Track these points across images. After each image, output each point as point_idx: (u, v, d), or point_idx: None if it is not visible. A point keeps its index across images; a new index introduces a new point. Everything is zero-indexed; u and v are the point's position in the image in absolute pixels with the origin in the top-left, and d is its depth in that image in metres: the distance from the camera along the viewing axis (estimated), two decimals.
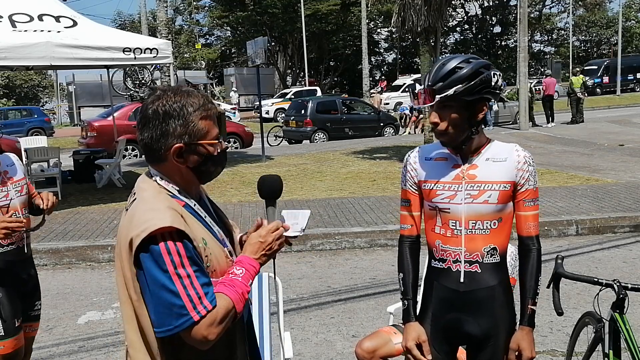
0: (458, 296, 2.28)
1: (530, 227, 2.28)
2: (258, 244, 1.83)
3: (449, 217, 2.27)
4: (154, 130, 1.72)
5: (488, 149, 2.29)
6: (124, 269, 1.71)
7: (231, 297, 1.70)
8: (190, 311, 1.62)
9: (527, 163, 2.25)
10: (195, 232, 1.72)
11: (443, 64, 2.20)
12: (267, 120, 24.96)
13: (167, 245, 1.62)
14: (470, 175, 2.25)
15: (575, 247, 7.13)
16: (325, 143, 19.14)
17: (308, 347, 4.58)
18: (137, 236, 1.63)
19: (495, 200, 2.22)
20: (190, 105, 1.73)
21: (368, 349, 3.13)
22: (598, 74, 38.68)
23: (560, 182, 10.36)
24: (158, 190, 1.75)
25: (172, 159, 1.73)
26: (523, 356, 2.25)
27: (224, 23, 47.50)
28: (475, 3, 55.51)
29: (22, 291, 3.32)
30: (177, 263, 1.62)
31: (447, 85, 2.16)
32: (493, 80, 2.20)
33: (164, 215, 1.65)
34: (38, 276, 3.53)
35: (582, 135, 17.70)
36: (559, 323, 4.74)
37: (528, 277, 2.27)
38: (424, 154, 2.37)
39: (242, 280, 1.74)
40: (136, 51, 9.26)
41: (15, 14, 8.89)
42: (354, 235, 7.37)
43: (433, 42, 14.08)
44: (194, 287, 1.63)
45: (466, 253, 2.26)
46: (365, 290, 5.79)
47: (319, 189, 10.50)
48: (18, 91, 50.63)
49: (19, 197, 3.28)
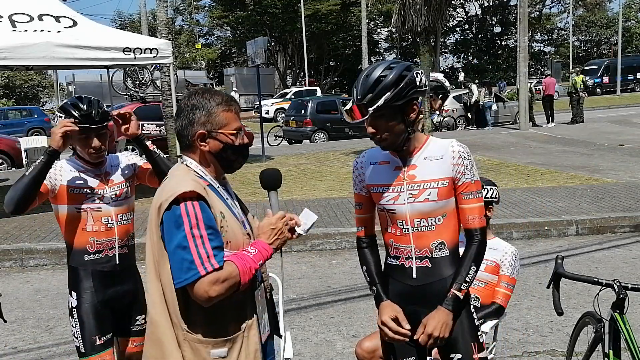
0: (412, 290, 2.37)
1: (472, 220, 2.33)
2: (270, 230, 2.06)
3: (396, 217, 2.37)
4: (184, 119, 2.03)
5: (425, 148, 2.37)
6: (152, 233, 1.98)
7: (238, 266, 1.91)
8: (198, 266, 1.85)
9: (462, 157, 2.32)
10: (215, 205, 1.97)
11: (367, 75, 2.28)
12: (267, 120, 24.97)
13: (187, 207, 1.88)
14: (410, 176, 2.34)
15: (575, 247, 7.13)
16: (325, 143, 19.15)
17: (308, 347, 4.58)
18: (165, 200, 1.91)
19: (436, 198, 2.30)
20: (213, 100, 2.03)
21: (368, 349, 3.14)
22: (598, 74, 38.68)
23: (560, 182, 10.36)
24: (186, 171, 2.04)
25: (197, 144, 2.02)
26: (425, 331, 2.28)
27: (224, 23, 47.54)
28: (475, 3, 55.56)
29: (115, 306, 2.98)
30: (192, 224, 1.87)
31: (376, 96, 2.23)
32: (417, 80, 2.27)
33: (188, 184, 1.93)
34: (142, 288, 3.03)
35: (582, 135, 17.69)
36: (559, 323, 4.74)
37: (461, 263, 2.33)
38: (369, 159, 2.47)
39: (252, 257, 1.96)
40: (136, 51, 9.25)
41: (15, 14, 8.88)
42: (354, 235, 7.34)
43: (433, 42, 14.12)
44: (205, 247, 1.87)
45: (416, 250, 2.35)
46: (365, 290, 5.76)
47: (319, 189, 10.51)
48: (18, 91, 50.63)
49: (115, 202, 2.98)
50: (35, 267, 6.91)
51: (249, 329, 2.04)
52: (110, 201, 2.97)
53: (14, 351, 4.72)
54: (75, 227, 2.91)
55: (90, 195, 2.93)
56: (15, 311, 5.55)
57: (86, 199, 2.92)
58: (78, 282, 2.93)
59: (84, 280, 2.92)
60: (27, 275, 6.67)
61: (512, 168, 12.01)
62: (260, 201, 9.39)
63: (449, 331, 2.29)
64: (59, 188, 2.89)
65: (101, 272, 2.94)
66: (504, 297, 3.21)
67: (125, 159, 3.17)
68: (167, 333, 1.97)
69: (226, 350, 1.98)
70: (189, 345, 1.96)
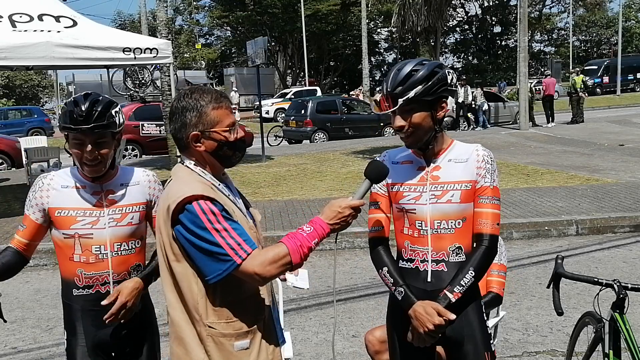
0: (426, 295, 2.30)
1: (483, 224, 2.30)
2: (336, 212, 2.03)
3: (415, 217, 2.34)
4: (176, 122, 2.03)
5: (450, 151, 2.37)
6: (162, 235, 1.98)
7: (288, 246, 1.93)
8: (232, 256, 1.88)
9: (485, 161, 2.33)
10: (223, 202, 1.97)
11: (399, 69, 2.28)
12: (267, 120, 24.95)
13: (201, 205, 1.89)
14: (434, 177, 2.34)
15: (575, 247, 7.12)
16: (325, 143, 19.14)
17: (308, 347, 4.58)
18: (173, 202, 1.91)
19: (458, 200, 2.30)
20: (202, 99, 2.01)
21: (380, 338, 3.07)
22: (598, 74, 38.67)
23: (560, 182, 10.36)
24: (189, 172, 2.04)
25: (192, 146, 2.01)
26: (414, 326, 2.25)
27: (224, 23, 47.51)
28: (475, 3, 55.57)
29: (110, 351, 2.53)
30: (212, 220, 1.88)
31: (407, 88, 2.24)
32: (449, 78, 2.28)
33: (196, 186, 1.94)
34: (149, 331, 2.62)
35: (582, 135, 17.69)
36: (559, 323, 4.74)
37: (462, 266, 2.28)
38: (390, 158, 2.46)
39: (306, 236, 1.97)
40: (136, 51, 9.25)
41: (15, 14, 8.88)
42: (354, 235, 7.37)
43: (433, 42, 14.12)
44: (232, 237, 1.89)
45: (433, 252, 2.33)
46: (365, 290, 5.78)
47: (319, 189, 10.50)
48: (18, 91, 50.65)
49: (113, 228, 2.45)
50: (35, 267, 6.91)
51: (269, 319, 2.10)
52: (106, 226, 2.44)
53: (14, 351, 4.72)
54: (63, 255, 2.48)
55: (81, 217, 2.43)
56: (15, 311, 5.55)
57: (75, 222, 2.43)
58: (67, 320, 2.53)
59: (73, 318, 2.50)
60: (27, 275, 6.67)
61: (512, 168, 12.01)
62: (260, 201, 9.39)
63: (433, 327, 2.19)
64: (48, 212, 2.45)
65: (92, 312, 2.45)
66: (499, 285, 3.16)
67: (143, 180, 2.56)
68: (187, 331, 1.99)
69: (248, 342, 2.02)
70: (212, 340, 1.97)
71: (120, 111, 2.48)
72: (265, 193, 10.27)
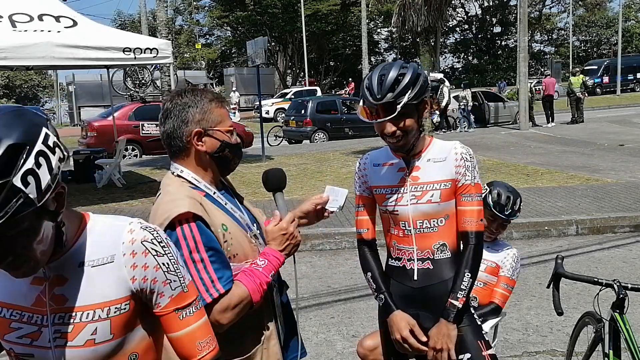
0: (413, 293, 2.37)
1: (467, 222, 2.31)
2: (280, 236, 1.96)
3: (399, 218, 2.37)
4: (175, 119, 1.89)
5: (429, 150, 2.38)
6: None
7: (247, 287, 1.82)
8: (202, 293, 1.71)
9: (464, 159, 2.32)
10: (215, 219, 1.84)
11: (383, 75, 2.24)
12: (267, 120, 24.96)
13: (184, 230, 1.75)
14: (413, 177, 2.35)
15: (575, 247, 7.13)
16: (325, 143, 19.14)
17: (308, 347, 4.54)
18: (160, 225, 1.75)
19: (438, 199, 2.31)
20: (205, 97, 1.92)
21: (369, 347, 3.14)
22: (598, 74, 38.66)
23: (560, 182, 10.36)
24: (180, 184, 1.90)
25: (193, 145, 1.89)
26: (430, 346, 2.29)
27: (224, 23, 47.50)
28: (475, 3, 55.55)
29: None
30: (191, 248, 1.75)
31: (399, 94, 2.21)
32: (429, 79, 2.33)
33: (183, 202, 1.79)
34: None
35: (582, 135, 17.69)
36: (559, 323, 4.74)
37: (457, 271, 2.31)
38: (372, 160, 2.48)
39: (262, 271, 1.87)
40: (136, 51, 9.25)
41: (15, 14, 8.88)
42: (354, 235, 7.35)
43: (433, 42, 14.11)
44: (207, 271, 1.76)
45: (418, 251, 2.36)
46: (365, 290, 5.77)
47: (319, 189, 10.49)
48: (18, 91, 50.67)
49: (63, 350, 1.41)
50: None
51: (268, 339, 1.98)
52: (51, 346, 1.41)
53: None
54: None
55: (16, 328, 1.44)
56: None
57: (8, 333, 1.45)
58: None
59: None
60: None
61: (512, 168, 12.01)
62: (260, 201, 9.39)
63: (453, 343, 2.27)
64: None
65: None
66: (502, 298, 3.20)
67: (122, 256, 1.43)
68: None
69: None
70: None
71: None
72: (265, 193, 10.22)
